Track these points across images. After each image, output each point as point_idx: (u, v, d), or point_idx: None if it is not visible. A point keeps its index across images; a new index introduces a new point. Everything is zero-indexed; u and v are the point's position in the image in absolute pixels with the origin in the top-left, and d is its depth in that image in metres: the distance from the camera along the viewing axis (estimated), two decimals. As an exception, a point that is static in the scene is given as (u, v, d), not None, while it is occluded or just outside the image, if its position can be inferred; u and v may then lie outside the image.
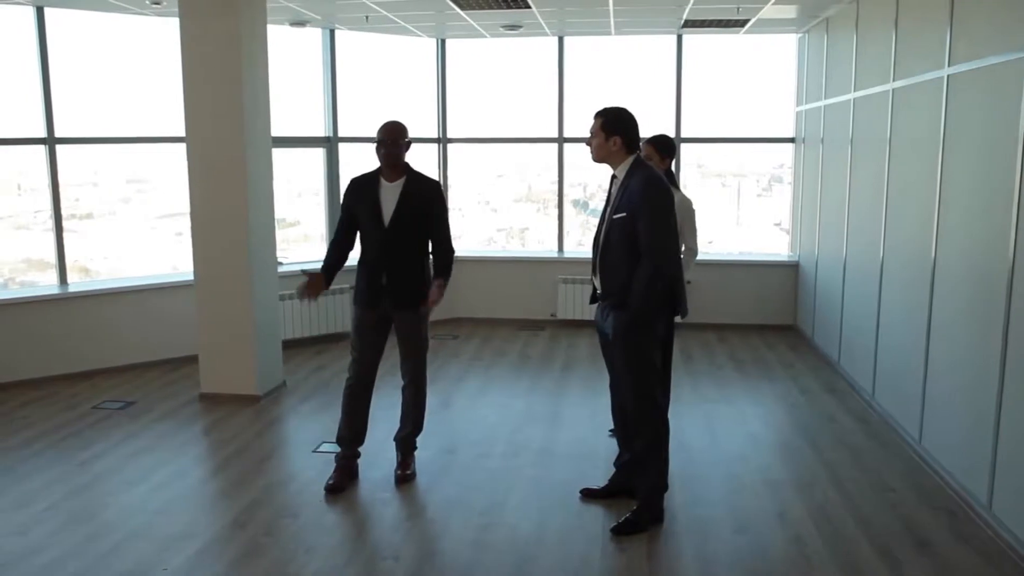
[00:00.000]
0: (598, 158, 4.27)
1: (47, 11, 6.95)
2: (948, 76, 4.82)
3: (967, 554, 4.02)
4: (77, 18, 7.22)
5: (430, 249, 4.82)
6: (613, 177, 4.29)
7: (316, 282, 4.76)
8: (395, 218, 4.67)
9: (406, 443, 5.01)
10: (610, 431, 5.53)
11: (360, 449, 5.00)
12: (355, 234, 4.85)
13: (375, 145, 4.69)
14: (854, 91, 6.66)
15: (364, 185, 4.76)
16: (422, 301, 4.70)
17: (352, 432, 4.93)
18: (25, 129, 7.03)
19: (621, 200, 4.15)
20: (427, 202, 4.74)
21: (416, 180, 4.77)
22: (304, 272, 4.80)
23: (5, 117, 7.11)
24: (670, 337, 4.87)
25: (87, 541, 4.17)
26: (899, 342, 5.61)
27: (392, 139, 4.67)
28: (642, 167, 4.19)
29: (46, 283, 7.33)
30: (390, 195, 4.70)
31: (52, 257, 7.20)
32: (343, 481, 4.83)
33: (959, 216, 4.69)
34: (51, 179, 7.07)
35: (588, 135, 4.28)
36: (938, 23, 4.98)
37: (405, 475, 4.90)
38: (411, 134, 4.80)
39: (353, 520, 4.48)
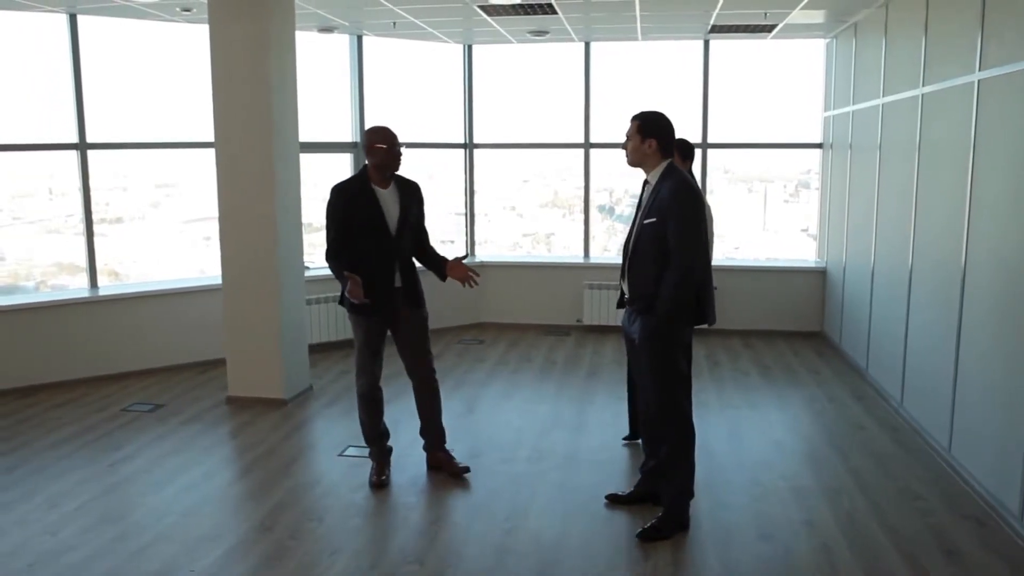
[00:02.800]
0: (633, 161, 4.27)
1: (80, 18, 7.07)
2: (979, 80, 4.77)
3: (996, 564, 3.97)
4: (109, 25, 7.32)
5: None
6: (645, 182, 4.29)
7: (359, 283, 4.57)
8: (400, 226, 4.72)
9: (441, 442, 5.11)
10: (624, 439, 5.52)
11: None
12: (351, 241, 4.73)
13: (375, 149, 4.64)
14: (883, 96, 6.60)
15: (358, 193, 4.71)
16: (467, 282, 4.84)
17: (380, 429, 5.02)
18: (57, 134, 7.14)
19: (652, 205, 4.14)
20: (419, 205, 4.89)
21: (406, 185, 4.84)
22: (346, 275, 4.56)
23: (38, 123, 7.23)
24: (689, 341, 4.85)
25: (116, 541, 4.22)
26: (928, 349, 5.55)
27: (397, 147, 4.69)
28: (674, 172, 4.18)
29: (77, 286, 7.43)
30: (390, 202, 4.72)
31: (83, 261, 7.31)
32: (386, 473, 4.96)
33: (990, 222, 4.64)
34: (82, 183, 7.17)
35: (624, 139, 4.27)
36: (969, 27, 4.93)
37: (464, 468, 5.04)
38: (438, 139, 4.83)
39: (378, 524, 4.50)
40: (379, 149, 4.65)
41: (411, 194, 4.83)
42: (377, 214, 4.68)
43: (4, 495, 4.80)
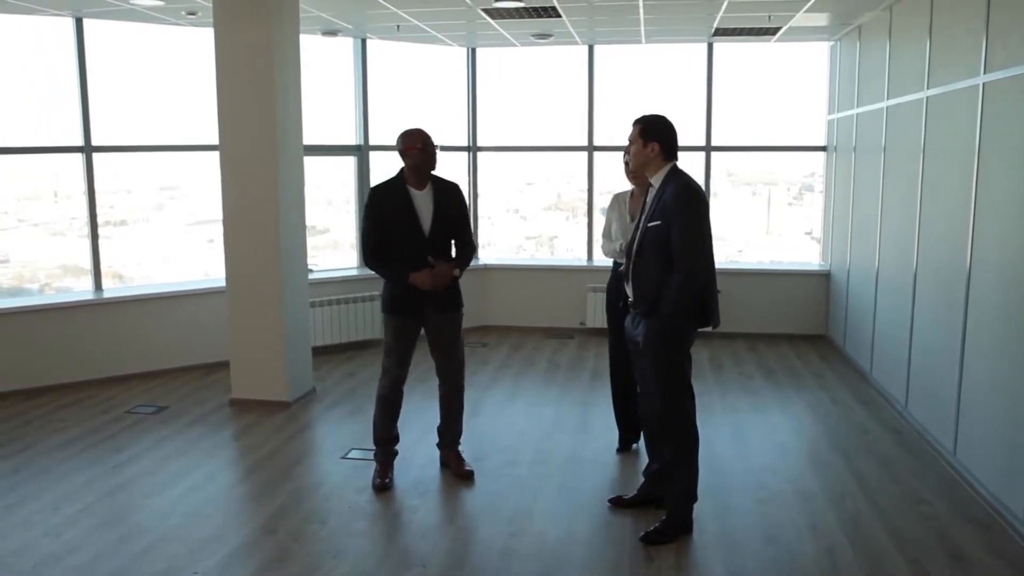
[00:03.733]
0: (636, 165, 4.29)
1: (86, 22, 7.09)
2: (984, 83, 4.76)
3: (1001, 568, 3.96)
4: (114, 29, 7.34)
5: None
6: (649, 185, 4.29)
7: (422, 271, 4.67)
8: (434, 226, 4.76)
9: (455, 441, 5.16)
10: (617, 451, 5.48)
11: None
12: (388, 241, 4.80)
13: (409, 151, 4.71)
14: (887, 99, 6.60)
15: (393, 194, 4.77)
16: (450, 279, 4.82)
17: (391, 433, 5.03)
18: (62, 137, 7.15)
19: (656, 208, 4.14)
20: (457, 206, 4.88)
21: (442, 185, 4.86)
22: (431, 263, 4.67)
23: (43, 125, 7.24)
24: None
25: (119, 543, 4.23)
26: (933, 352, 5.54)
27: (432, 147, 4.74)
28: (678, 175, 4.18)
29: (81, 289, 7.45)
30: (424, 203, 4.76)
31: (87, 263, 7.31)
32: (389, 475, 4.94)
33: (995, 225, 4.63)
34: (87, 186, 7.18)
35: (626, 143, 4.29)
36: (974, 30, 4.93)
37: (469, 471, 5.05)
38: (442, 142, 4.85)
39: (381, 527, 4.50)
40: (414, 151, 4.71)
41: (449, 195, 4.86)
42: (410, 215, 4.73)
43: (9, 496, 4.81)
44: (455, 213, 4.86)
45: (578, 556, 4.09)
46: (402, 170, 4.80)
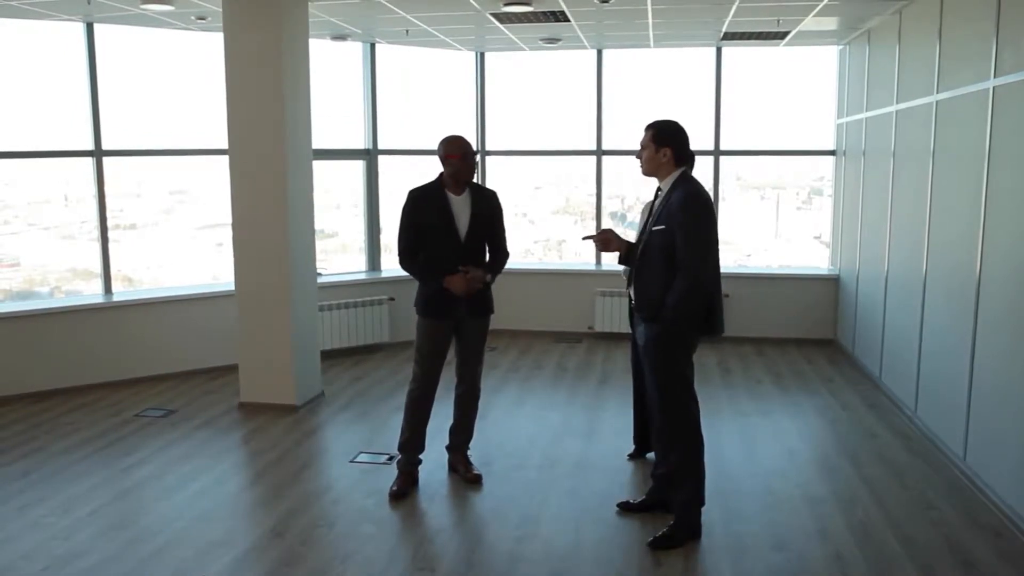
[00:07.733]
0: (648, 171, 4.27)
1: (96, 27, 7.12)
2: (994, 87, 4.75)
3: (1012, 575, 3.93)
4: (124, 33, 7.37)
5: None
6: (658, 190, 4.29)
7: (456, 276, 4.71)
8: (471, 231, 4.80)
9: (465, 445, 5.17)
10: (628, 455, 5.47)
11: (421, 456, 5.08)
12: (423, 244, 4.82)
13: (450, 159, 4.73)
14: (896, 103, 6.58)
15: (431, 198, 4.81)
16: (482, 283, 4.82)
17: (419, 440, 5.01)
18: (73, 141, 7.19)
19: (662, 213, 4.14)
20: (493, 213, 4.93)
21: (480, 192, 4.93)
22: (463, 271, 4.68)
23: (54, 130, 7.28)
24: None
25: (128, 546, 4.24)
26: (943, 357, 5.51)
27: (472, 156, 4.78)
28: (687, 181, 4.17)
29: (91, 292, 7.47)
30: (461, 209, 4.80)
31: (97, 267, 7.35)
32: (407, 487, 4.91)
33: (1005, 230, 4.61)
34: (98, 190, 7.21)
35: (638, 148, 4.28)
36: (983, 34, 4.91)
37: (478, 475, 5.05)
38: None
39: (389, 530, 4.49)
40: (454, 160, 4.74)
41: (486, 201, 4.91)
42: (448, 219, 4.77)
43: (18, 499, 4.83)
44: (491, 220, 4.91)
45: (586, 561, 4.08)
46: (441, 175, 4.84)
